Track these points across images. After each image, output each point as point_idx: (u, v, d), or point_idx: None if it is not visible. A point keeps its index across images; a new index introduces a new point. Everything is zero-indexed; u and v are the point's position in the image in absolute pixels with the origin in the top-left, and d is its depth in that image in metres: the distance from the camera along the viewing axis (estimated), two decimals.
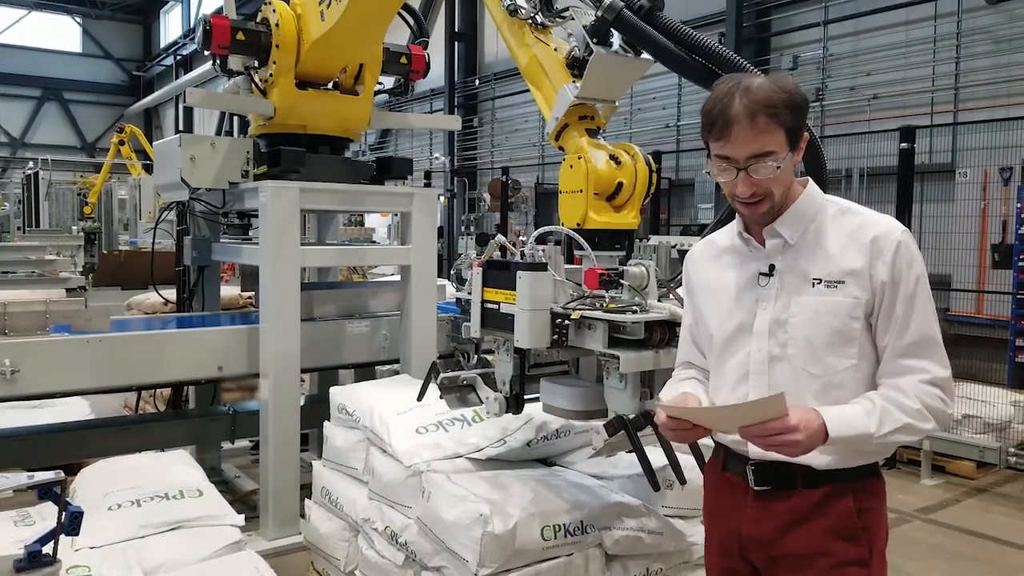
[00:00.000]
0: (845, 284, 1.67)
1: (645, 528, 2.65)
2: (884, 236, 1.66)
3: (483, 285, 2.51)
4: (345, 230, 12.07)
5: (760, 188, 1.67)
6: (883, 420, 1.62)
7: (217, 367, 3.92)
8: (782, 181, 1.69)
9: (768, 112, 1.61)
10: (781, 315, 1.72)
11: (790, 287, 1.73)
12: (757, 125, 1.61)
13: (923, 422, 1.63)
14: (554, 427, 2.96)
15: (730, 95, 1.64)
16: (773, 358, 1.73)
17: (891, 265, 1.65)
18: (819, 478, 1.69)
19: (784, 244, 1.74)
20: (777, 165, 1.64)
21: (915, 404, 1.63)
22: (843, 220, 1.73)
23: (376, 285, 5.38)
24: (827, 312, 1.68)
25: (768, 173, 1.65)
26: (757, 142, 1.62)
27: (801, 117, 1.67)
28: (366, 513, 2.92)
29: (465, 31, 17.22)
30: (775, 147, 1.64)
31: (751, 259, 1.79)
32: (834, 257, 1.69)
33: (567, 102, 2.71)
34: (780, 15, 11.52)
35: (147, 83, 32.64)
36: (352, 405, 3.19)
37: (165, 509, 2.71)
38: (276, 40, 4.05)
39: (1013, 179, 9.08)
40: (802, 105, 1.67)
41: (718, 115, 1.65)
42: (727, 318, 1.80)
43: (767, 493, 1.74)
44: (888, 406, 1.63)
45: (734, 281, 1.81)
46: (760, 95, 1.62)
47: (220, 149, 4.08)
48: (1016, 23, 9.26)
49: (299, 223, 3.88)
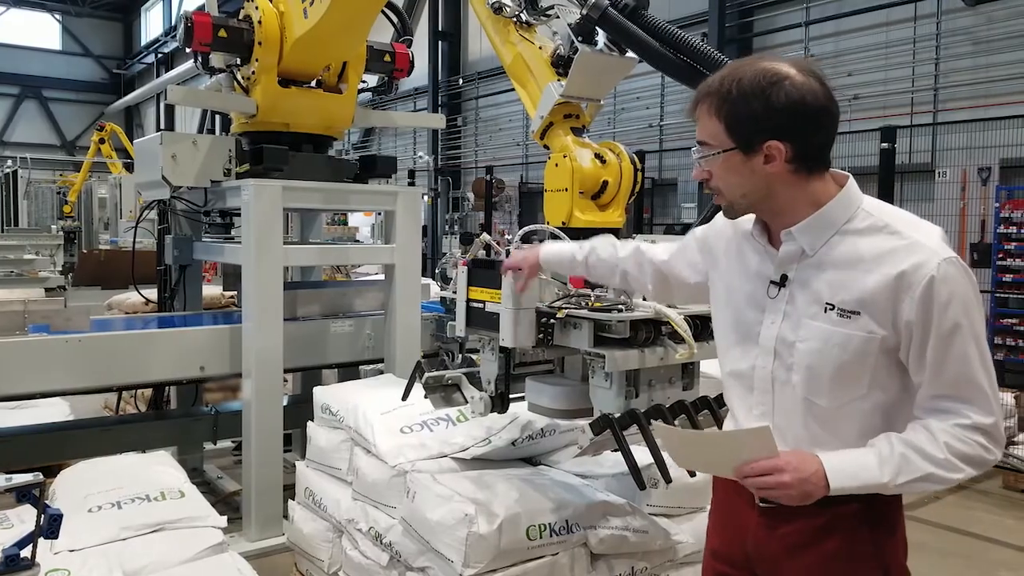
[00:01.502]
0: (860, 316, 1.47)
1: (630, 527, 2.64)
2: (914, 271, 1.43)
3: (468, 284, 2.50)
4: (328, 229, 12.02)
5: (709, 181, 1.59)
6: (900, 469, 1.45)
7: (199, 367, 3.88)
8: (726, 181, 1.56)
9: (710, 101, 1.52)
10: (789, 336, 1.56)
11: (801, 307, 1.55)
12: (702, 107, 1.55)
13: (950, 472, 1.44)
14: (539, 426, 2.95)
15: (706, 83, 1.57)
16: (777, 379, 1.59)
17: (919, 304, 1.43)
18: (831, 497, 1.50)
19: (802, 253, 1.55)
20: (702, 156, 1.56)
21: (941, 453, 1.44)
22: (874, 239, 1.49)
23: (360, 284, 5.36)
24: (836, 345, 1.49)
25: (708, 162, 1.56)
26: (699, 126, 1.56)
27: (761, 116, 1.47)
28: (350, 514, 2.90)
29: (449, 30, 17.19)
30: (708, 139, 1.55)
31: (764, 258, 1.63)
32: (853, 282, 1.48)
33: (552, 100, 2.71)
34: (762, 15, 11.59)
35: (128, 81, 32.32)
36: (336, 405, 3.16)
37: (146, 511, 2.68)
38: (259, 37, 4.01)
39: (991, 179, 9.19)
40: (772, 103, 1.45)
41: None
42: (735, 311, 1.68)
43: (772, 511, 1.61)
44: (909, 453, 1.45)
45: (744, 278, 1.67)
46: (726, 84, 1.51)
47: (202, 147, 4.04)
48: (994, 25, 9.37)
49: (282, 222, 3.84)
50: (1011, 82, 9.05)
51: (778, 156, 1.50)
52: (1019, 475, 5.16)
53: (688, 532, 2.82)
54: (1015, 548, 4.39)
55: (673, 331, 2.27)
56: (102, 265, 9.80)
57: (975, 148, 9.24)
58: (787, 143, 1.48)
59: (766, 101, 1.47)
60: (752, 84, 1.48)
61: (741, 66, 1.54)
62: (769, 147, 1.49)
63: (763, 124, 1.48)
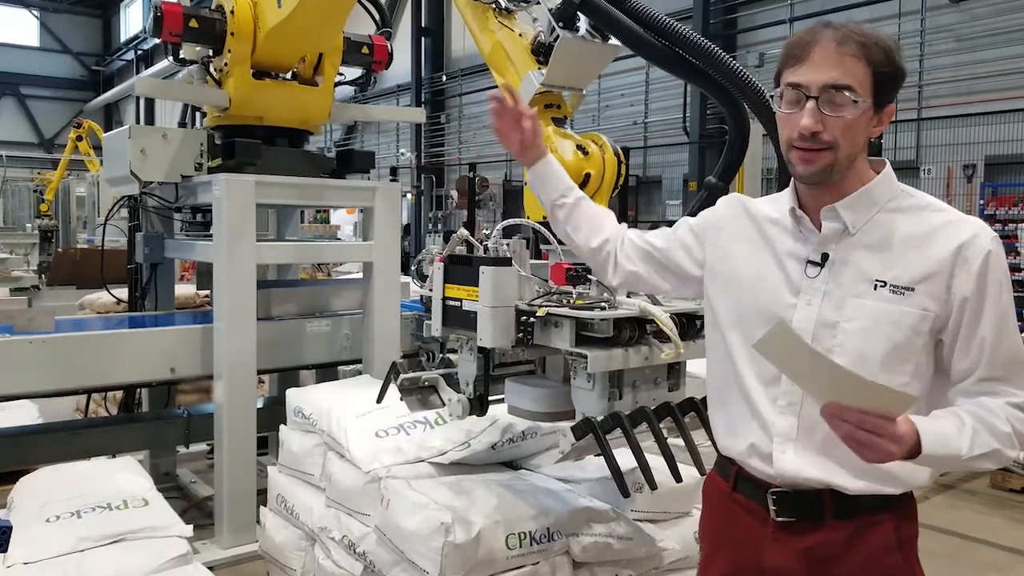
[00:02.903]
0: (915, 292, 1.42)
1: (614, 533, 2.55)
2: (972, 242, 1.41)
3: (444, 281, 2.40)
4: (309, 227, 11.86)
5: (827, 130, 1.41)
6: (974, 441, 1.38)
7: (169, 369, 3.75)
8: (852, 137, 1.43)
9: (860, 42, 1.39)
10: (831, 317, 1.47)
11: (845, 285, 1.47)
12: (844, 49, 1.39)
13: (1010, 448, 1.41)
14: (520, 429, 2.86)
15: (820, 25, 1.43)
16: None
17: (977, 279, 1.40)
18: (852, 507, 1.48)
19: (844, 231, 1.48)
20: (855, 100, 1.39)
21: (1006, 427, 1.40)
22: (921, 216, 1.47)
23: (338, 283, 5.24)
24: (889, 323, 1.43)
25: (842, 110, 1.40)
26: (839, 67, 1.39)
27: (894, 75, 1.42)
28: (323, 521, 2.79)
29: (432, 26, 17.08)
30: (856, 83, 1.40)
31: (800, 241, 1.53)
32: (906, 258, 1.44)
33: (532, 90, 2.61)
34: (746, 12, 11.59)
35: (107, 78, 31.97)
36: (309, 408, 3.05)
37: (107, 520, 2.55)
38: (231, 28, 3.89)
39: (976, 175, 9.21)
40: (900, 66, 1.43)
41: (799, 41, 1.44)
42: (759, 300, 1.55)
43: (791, 524, 1.51)
44: (979, 426, 1.40)
45: (770, 261, 1.55)
46: (856, 28, 1.41)
47: (172, 141, 3.92)
48: (977, 22, 9.39)
49: (254, 218, 3.72)
50: (995, 79, 9.08)
51: (886, 121, 1.47)
52: (1008, 474, 5.11)
53: (674, 538, 2.73)
54: (1004, 548, 4.34)
55: (658, 330, 2.19)
56: (78, 264, 9.59)
57: (960, 145, 9.26)
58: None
59: (898, 63, 1.44)
60: (888, 42, 1.43)
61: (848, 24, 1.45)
62: (889, 110, 1.47)
63: (896, 86, 1.45)
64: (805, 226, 1.53)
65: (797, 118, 1.42)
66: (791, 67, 1.45)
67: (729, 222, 1.67)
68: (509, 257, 2.25)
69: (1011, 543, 4.39)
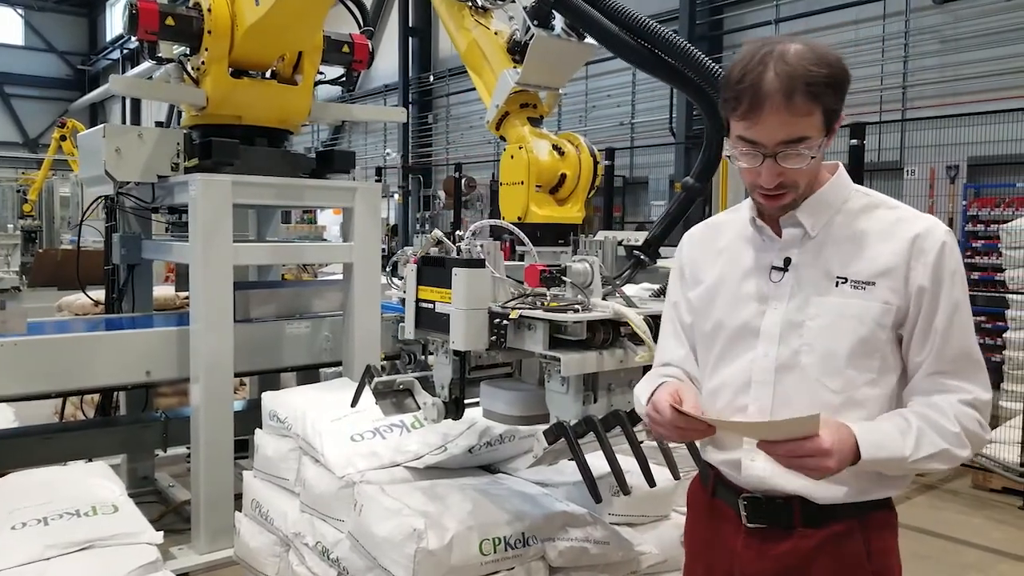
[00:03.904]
0: (875, 286, 1.44)
1: (591, 538, 2.52)
2: (927, 235, 1.43)
3: (418, 283, 2.36)
4: (295, 227, 11.78)
5: (787, 178, 1.43)
6: (919, 443, 1.39)
7: (145, 372, 3.70)
8: (811, 170, 1.45)
9: (808, 90, 1.35)
10: (796, 316, 1.48)
11: (809, 285, 1.49)
12: (794, 105, 1.35)
13: (960, 448, 1.41)
14: (498, 432, 2.82)
15: (763, 64, 1.36)
16: (782, 366, 1.48)
17: (933, 269, 1.42)
18: (822, 515, 1.47)
19: (804, 235, 1.51)
20: (811, 155, 1.40)
21: (954, 427, 1.40)
22: (876, 213, 1.49)
23: (318, 284, 5.19)
24: (852, 317, 1.44)
25: (799, 163, 1.40)
26: (791, 126, 1.37)
27: (842, 96, 1.41)
28: (297, 527, 2.75)
29: (419, 26, 17.00)
30: (811, 132, 1.38)
31: (762, 249, 1.56)
32: (864, 254, 1.46)
33: (507, 88, 2.58)
34: (733, 13, 11.59)
35: (92, 77, 31.67)
36: (284, 412, 3.01)
37: (75, 527, 2.49)
38: (208, 26, 3.84)
39: (959, 176, 9.25)
40: (844, 82, 1.41)
41: (747, 90, 1.37)
42: (729, 316, 1.56)
43: (761, 531, 1.51)
44: (925, 427, 1.40)
45: (740, 273, 1.57)
46: (800, 68, 1.35)
47: (148, 140, 3.86)
48: (961, 23, 9.43)
49: (231, 218, 3.67)
50: (978, 80, 9.11)
51: (837, 128, 1.45)
52: (989, 474, 5.12)
53: (652, 542, 2.70)
54: (985, 549, 4.34)
55: (632, 332, 2.16)
56: (59, 265, 9.48)
57: (943, 146, 9.29)
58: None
59: (846, 77, 1.41)
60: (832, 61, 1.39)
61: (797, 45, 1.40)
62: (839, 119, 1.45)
63: (842, 102, 1.43)
64: (767, 234, 1.56)
65: (755, 172, 1.45)
66: (740, 120, 1.42)
67: (692, 256, 1.70)
68: (483, 259, 2.22)
69: (992, 543, 4.39)
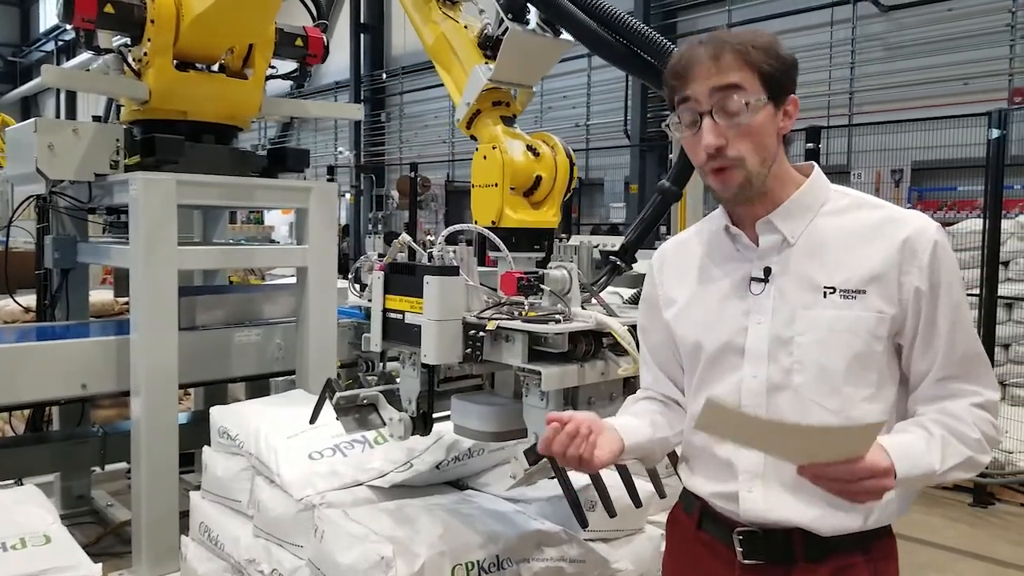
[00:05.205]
0: (866, 295, 1.34)
1: (566, 557, 2.41)
2: (918, 235, 1.33)
3: (385, 291, 2.20)
4: (241, 227, 11.41)
5: (729, 145, 1.34)
6: (945, 453, 1.29)
7: (80, 385, 3.43)
8: (758, 143, 1.35)
9: (735, 49, 1.34)
10: (784, 332, 1.38)
11: (794, 297, 1.38)
12: (722, 61, 1.34)
13: (982, 454, 1.32)
14: (466, 446, 2.69)
15: (693, 44, 1.39)
16: (774, 387, 1.38)
17: (928, 270, 1.33)
18: (826, 548, 1.37)
19: (783, 242, 1.41)
20: (746, 102, 1.32)
21: (975, 433, 1.32)
22: (860, 214, 1.39)
23: (270, 289, 4.96)
24: (845, 330, 1.34)
25: (738, 116, 1.33)
26: (721, 74, 1.34)
27: (783, 68, 1.36)
28: (251, 553, 2.56)
29: (371, 23, 16.73)
30: (744, 83, 1.33)
31: (739, 260, 1.46)
32: (851, 259, 1.35)
33: (479, 85, 2.43)
34: (686, 17, 11.70)
35: (25, 70, 30.44)
36: (235, 428, 2.81)
37: (2, 564, 2.27)
38: (151, 15, 3.60)
39: (904, 180, 9.49)
40: (785, 56, 1.37)
41: (676, 64, 1.39)
42: (708, 335, 1.46)
43: (758, 568, 1.40)
44: (948, 436, 1.31)
45: (716, 288, 1.47)
46: (728, 37, 1.36)
47: (84, 136, 3.60)
48: (905, 31, 9.68)
49: (175, 220, 3.45)
50: (922, 86, 9.36)
51: (793, 113, 1.40)
52: None
53: (628, 557, 2.61)
54: (941, 548, 4.37)
55: (615, 342, 2.05)
56: None
57: (888, 150, 9.51)
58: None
59: (781, 54, 1.37)
60: (764, 38, 1.37)
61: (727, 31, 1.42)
62: (791, 100, 1.39)
63: (788, 75, 1.38)
64: (742, 243, 1.46)
65: (697, 138, 1.37)
66: (677, 90, 1.40)
67: (663, 275, 1.61)
68: (456, 265, 2.08)
69: (948, 542, 4.43)
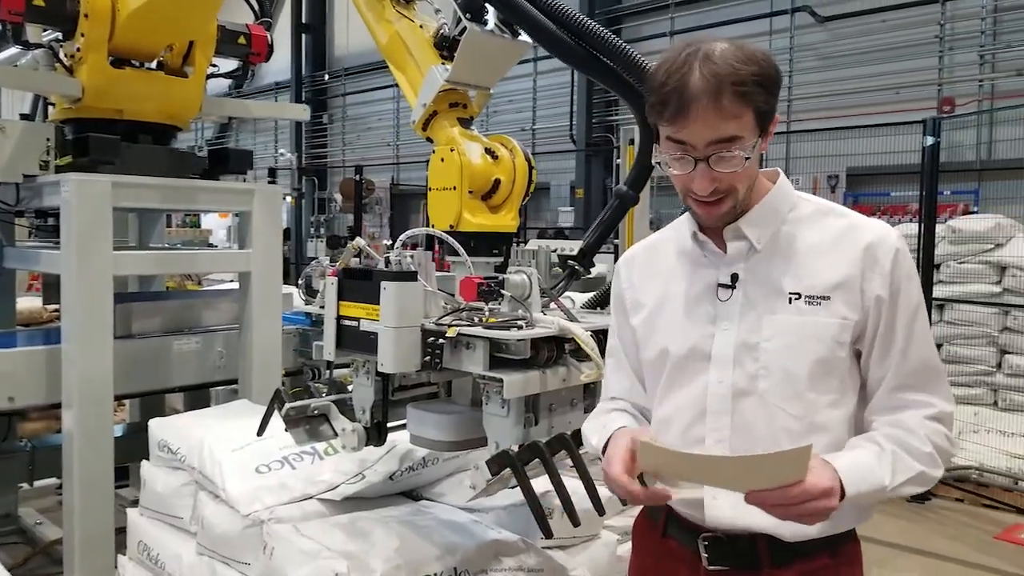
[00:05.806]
0: (831, 301, 1.36)
1: (524, 566, 2.37)
2: (880, 242, 1.36)
3: (339, 298, 2.13)
4: (176, 231, 11.05)
5: (722, 183, 1.34)
6: (895, 468, 1.30)
7: (7, 398, 3.24)
8: (748, 174, 1.37)
9: (736, 90, 1.28)
10: (750, 338, 1.39)
11: (760, 303, 1.40)
12: (721, 105, 1.28)
13: (934, 468, 1.34)
14: (420, 455, 2.63)
15: (687, 65, 1.30)
16: (739, 392, 1.39)
17: (889, 278, 1.35)
18: (791, 553, 1.37)
19: (750, 249, 1.42)
20: (745, 155, 1.32)
21: (926, 447, 1.33)
22: (825, 222, 1.42)
23: (210, 295, 4.78)
24: (810, 336, 1.36)
25: (734, 165, 1.32)
26: (721, 126, 1.29)
27: (774, 95, 1.35)
28: (194, 572, 2.45)
29: (313, 23, 16.45)
30: (743, 132, 1.31)
31: (706, 267, 1.46)
32: (816, 266, 1.38)
33: (436, 86, 2.38)
34: (630, 24, 11.86)
35: None
36: (176, 441, 2.68)
37: None
38: (84, 8, 3.44)
39: (839, 186, 9.82)
40: (775, 80, 1.34)
41: (672, 92, 1.30)
42: (674, 341, 1.46)
43: (724, 573, 1.41)
44: (899, 451, 1.32)
45: (683, 294, 1.48)
46: (725, 67, 1.28)
47: (11, 135, 3.42)
48: (840, 41, 10.02)
49: (110, 223, 3.29)
50: (856, 95, 9.70)
51: (774, 130, 1.38)
52: None
53: (585, 564, 2.58)
54: (883, 544, 4.49)
55: (576, 348, 2.02)
56: None
57: (824, 157, 9.82)
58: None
59: (776, 75, 1.35)
60: (760, 59, 1.32)
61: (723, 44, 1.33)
62: (774, 122, 1.37)
63: (776, 100, 1.36)
64: (710, 249, 1.47)
65: (688, 178, 1.36)
66: (669, 125, 1.34)
67: (630, 281, 1.60)
68: (414, 271, 2.02)
69: (889, 538, 4.56)
